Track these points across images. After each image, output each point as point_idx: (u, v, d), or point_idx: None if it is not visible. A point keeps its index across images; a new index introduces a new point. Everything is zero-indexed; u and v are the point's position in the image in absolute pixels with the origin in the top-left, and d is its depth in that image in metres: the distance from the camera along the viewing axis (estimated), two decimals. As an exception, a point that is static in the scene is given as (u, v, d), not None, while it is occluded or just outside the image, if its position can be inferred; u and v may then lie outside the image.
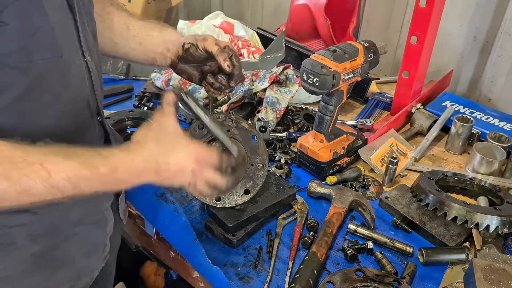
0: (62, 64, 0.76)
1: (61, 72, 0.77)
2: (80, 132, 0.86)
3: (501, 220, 1.06)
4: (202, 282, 1.23)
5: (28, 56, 0.69)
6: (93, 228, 0.95)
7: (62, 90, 0.78)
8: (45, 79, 0.74)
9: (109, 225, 1.00)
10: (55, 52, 0.74)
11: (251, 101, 1.62)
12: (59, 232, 0.87)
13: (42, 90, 0.74)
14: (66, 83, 0.78)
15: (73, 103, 0.82)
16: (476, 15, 1.73)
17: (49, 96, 0.76)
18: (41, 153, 0.67)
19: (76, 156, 0.69)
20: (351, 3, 2.00)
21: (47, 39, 0.72)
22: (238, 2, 2.62)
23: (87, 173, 0.69)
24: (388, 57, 2.05)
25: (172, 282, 1.94)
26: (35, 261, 0.85)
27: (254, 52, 1.92)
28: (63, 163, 0.67)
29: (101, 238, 0.99)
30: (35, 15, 0.68)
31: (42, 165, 0.66)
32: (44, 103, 0.76)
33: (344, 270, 1.02)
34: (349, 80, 1.24)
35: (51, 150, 0.68)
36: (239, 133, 1.15)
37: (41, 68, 0.72)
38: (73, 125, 0.84)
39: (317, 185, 1.27)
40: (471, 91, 1.87)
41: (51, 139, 0.76)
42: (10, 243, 0.81)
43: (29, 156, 0.66)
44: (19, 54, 0.68)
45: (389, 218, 1.22)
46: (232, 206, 1.12)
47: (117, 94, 1.75)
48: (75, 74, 0.80)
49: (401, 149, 1.45)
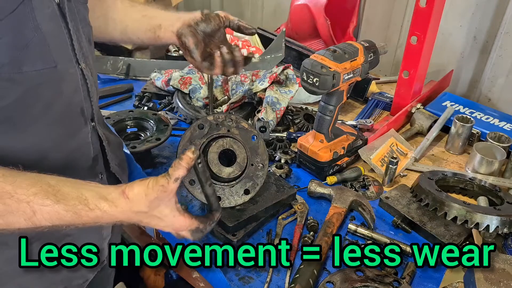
0: (56, 74, 0.75)
1: (54, 82, 0.76)
2: (73, 139, 0.86)
3: (501, 220, 1.05)
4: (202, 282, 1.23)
5: (20, 68, 0.69)
6: (87, 232, 0.93)
7: (54, 99, 0.77)
8: (37, 89, 0.73)
9: (105, 230, 0.99)
10: (48, 63, 0.73)
11: (251, 101, 1.62)
12: (51, 235, 0.86)
13: (33, 99, 0.74)
14: (58, 92, 0.78)
15: (65, 111, 0.81)
16: (476, 15, 1.73)
17: (40, 105, 0.75)
18: (31, 191, 0.67)
19: (64, 202, 0.69)
20: (351, 3, 2.00)
21: (39, 51, 0.71)
22: (238, 2, 2.62)
23: (69, 220, 0.70)
24: (388, 57, 2.05)
25: (172, 282, 1.94)
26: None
27: (254, 52, 1.92)
28: (50, 206, 0.68)
29: (98, 241, 0.97)
30: (28, 28, 0.68)
31: (29, 205, 0.67)
32: (35, 112, 0.75)
33: (344, 270, 1.02)
34: (349, 80, 1.24)
35: (41, 189, 0.68)
36: (239, 133, 1.15)
37: (33, 79, 0.71)
38: (66, 132, 0.83)
39: (317, 185, 1.27)
40: (471, 91, 1.88)
41: (43, 146, 0.77)
42: (2, 243, 0.81)
43: (18, 192, 0.66)
44: (11, 66, 0.67)
45: (389, 218, 1.22)
46: (232, 206, 1.12)
47: (117, 94, 1.75)
48: (68, 82, 0.79)
49: (401, 149, 1.45)
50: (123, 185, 0.74)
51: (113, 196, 0.73)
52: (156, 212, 0.76)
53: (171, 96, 1.71)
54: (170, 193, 0.75)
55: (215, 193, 0.88)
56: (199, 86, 1.64)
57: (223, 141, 1.13)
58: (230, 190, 1.12)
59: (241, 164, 1.14)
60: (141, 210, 0.74)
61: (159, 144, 1.31)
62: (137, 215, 0.75)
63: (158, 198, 0.74)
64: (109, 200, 0.72)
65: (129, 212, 0.74)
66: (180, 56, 1.98)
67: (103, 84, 1.82)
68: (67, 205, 0.69)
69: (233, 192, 1.12)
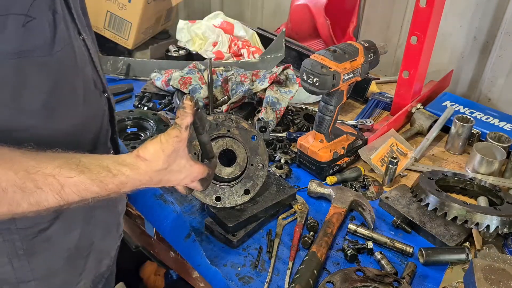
0: (71, 50, 0.76)
1: (72, 59, 0.76)
2: (97, 117, 0.87)
3: (501, 220, 1.06)
4: (202, 282, 1.23)
5: (50, 49, 0.69)
6: (107, 210, 0.96)
7: (76, 78, 0.78)
8: (63, 72, 0.74)
9: (121, 204, 1.02)
10: (66, 40, 0.73)
11: (251, 101, 1.62)
12: (81, 219, 0.88)
13: (63, 83, 0.74)
14: (77, 69, 0.78)
15: (84, 88, 0.82)
16: (476, 15, 1.73)
17: (68, 87, 0.76)
18: (55, 165, 0.67)
19: (89, 171, 0.69)
20: (351, 3, 2.00)
21: (61, 29, 0.71)
22: (238, 2, 2.62)
23: (96, 189, 0.71)
24: (388, 57, 2.05)
25: (172, 282, 1.94)
26: (69, 255, 0.86)
27: (254, 52, 1.92)
28: (75, 177, 0.68)
29: (115, 217, 1.00)
30: (47, 8, 0.68)
31: (56, 178, 0.66)
32: (66, 96, 0.76)
33: (344, 270, 1.02)
34: (349, 80, 1.24)
35: (64, 162, 0.68)
36: (239, 133, 1.15)
37: (59, 60, 0.72)
38: (90, 111, 0.84)
39: (317, 185, 1.27)
40: (471, 91, 1.87)
41: (75, 129, 0.78)
42: (47, 239, 0.82)
43: (43, 167, 0.66)
44: (42, 49, 0.68)
45: (389, 218, 1.22)
46: (232, 206, 1.12)
47: (117, 94, 1.75)
48: (80, 57, 0.79)
49: (401, 149, 1.45)
50: (134, 151, 0.76)
51: (130, 161, 0.74)
52: (175, 165, 0.78)
53: (171, 96, 1.71)
54: (184, 143, 0.78)
55: (210, 140, 0.92)
56: (199, 86, 1.64)
57: (223, 141, 1.13)
58: (230, 190, 1.12)
59: (241, 164, 1.14)
60: (161, 168, 0.76)
61: (159, 144, 1.31)
62: (158, 173, 0.77)
63: (175, 150, 0.76)
64: (128, 164, 0.73)
65: (151, 172, 0.75)
66: (180, 56, 1.98)
67: (103, 84, 1.82)
68: (91, 174, 0.69)
69: (233, 192, 1.12)
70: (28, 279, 0.83)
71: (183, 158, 0.80)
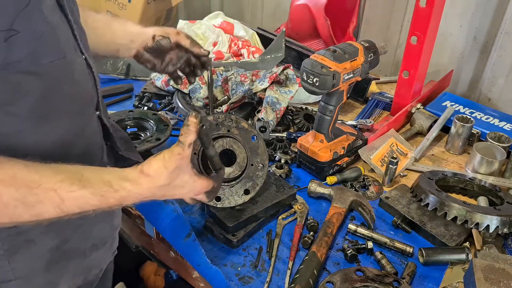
0: (67, 65, 0.77)
1: (68, 73, 0.78)
2: (88, 129, 0.88)
3: (501, 220, 1.06)
4: (202, 282, 1.23)
5: (37, 60, 0.70)
6: (98, 221, 0.96)
7: (72, 90, 0.80)
8: (57, 82, 0.75)
9: (116, 219, 1.02)
10: (59, 53, 0.74)
11: (251, 101, 1.62)
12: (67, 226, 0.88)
13: (55, 92, 0.75)
14: (73, 82, 0.80)
15: (81, 101, 0.83)
16: (476, 15, 1.73)
17: (62, 97, 0.77)
18: (56, 179, 0.69)
19: (90, 186, 0.71)
20: (351, 3, 2.00)
21: (51, 42, 0.72)
22: (238, 2, 2.62)
23: (97, 203, 0.72)
24: (388, 57, 2.05)
25: (172, 282, 1.94)
26: (51, 256, 0.86)
27: (254, 52, 1.92)
28: (76, 192, 0.70)
29: (108, 231, 1.00)
30: (39, 20, 0.69)
31: (57, 192, 0.68)
32: (59, 105, 0.77)
33: (344, 270, 1.02)
34: (349, 80, 1.24)
35: (66, 176, 0.70)
36: (239, 133, 1.15)
37: (50, 71, 0.73)
38: (83, 122, 0.85)
39: (317, 185, 1.27)
40: (471, 91, 1.87)
41: (66, 138, 0.79)
42: (29, 240, 0.82)
43: (44, 181, 0.68)
44: (30, 59, 0.68)
45: (389, 218, 1.22)
46: (232, 206, 1.12)
47: (117, 94, 1.75)
48: (79, 72, 0.81)
49: (401, 149, 1.45)
50: (139, 166, 0.77)
51: (133, 176, 0.76)
52: (178, 181, 0.79)
53: (171, 96, 1.71)
54: (186, 160, 0.78)
55: (217, 153, 0.91)
56: (199, 86, 1.64)
57: (223, 141, 1.13)
58: (230, 190, 1.12)
59: (241, 164, 1.14)
60: (164, 184, 0.77)
61: (159, 144, 1.31)
62: (161, 189, 0.78)
63: (178, 167, 0.77)
64: (130, 180, 0.75)
65: (153, 187, 0.77)
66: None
67: (103, 84, 1.82)
68: (93, 189, 0.71)
69: (233, 192, 1.12)
70: (8, 279, 0.83)
71: (186, 174, 0.81)
